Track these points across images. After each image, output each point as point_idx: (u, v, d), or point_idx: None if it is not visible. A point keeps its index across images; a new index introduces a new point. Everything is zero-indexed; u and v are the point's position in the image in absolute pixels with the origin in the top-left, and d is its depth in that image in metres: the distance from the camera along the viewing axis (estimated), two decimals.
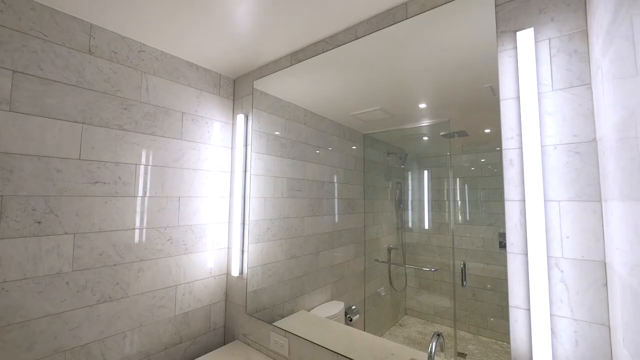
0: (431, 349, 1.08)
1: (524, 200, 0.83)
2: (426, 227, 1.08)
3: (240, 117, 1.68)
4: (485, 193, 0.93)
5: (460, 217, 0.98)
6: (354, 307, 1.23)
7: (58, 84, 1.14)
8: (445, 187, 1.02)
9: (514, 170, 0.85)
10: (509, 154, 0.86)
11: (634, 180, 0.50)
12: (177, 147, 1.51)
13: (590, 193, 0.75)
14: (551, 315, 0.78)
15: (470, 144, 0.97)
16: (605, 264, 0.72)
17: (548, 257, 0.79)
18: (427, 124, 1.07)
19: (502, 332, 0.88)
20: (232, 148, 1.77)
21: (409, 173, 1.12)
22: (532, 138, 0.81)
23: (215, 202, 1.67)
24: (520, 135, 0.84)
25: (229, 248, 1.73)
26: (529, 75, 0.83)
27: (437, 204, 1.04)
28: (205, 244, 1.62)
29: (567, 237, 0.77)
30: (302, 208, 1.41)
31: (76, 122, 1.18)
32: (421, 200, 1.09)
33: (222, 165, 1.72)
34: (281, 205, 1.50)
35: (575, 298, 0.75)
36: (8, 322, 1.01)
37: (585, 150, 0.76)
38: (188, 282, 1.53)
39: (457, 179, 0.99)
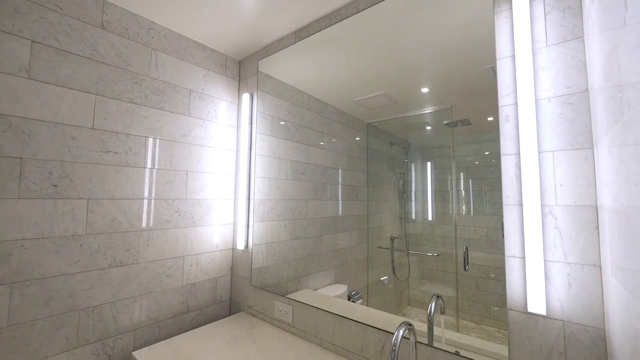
0: (430, 309, 1.11)
1: (519, 154, 0.86)
2: (429, 217, 1.07)
3: (246, 96, 1.73)
4: (489, 183, 0.93)
5: (464, 208, 0.98)
6: (356, 292, 1.25)
7: (73, 55, 1.19)
8: (449, 178, 1.02)
9: (509, 126, 0.88)
10: (505, 110, 0.89)
11: (618, 111, 0.53)
12: (185, 123, 1.56)
13: (583, 141, 0.77)
14: (545, 261, 0.81)
15: (473, 133, 0.97)
16: (596, 207, 0.75)
17: (542, 205, 0.82)
18: (430, 110, 1.08)
19: (506, 321, 0.86)
20: (238, 127, 1.82)
21: (412, 164, 1.12)
22: (526, 93, 0.84)
23: (221, 178, 1.72)
24: (516, 91, 0.87)
25: (234, 224, 1.77)
26: (524, 33, 0.86)
27: (441, 195, 1.04)
28: (212, 218, 1.66)
29: (561, 185, 0.80)
30: (306, 191, 1.44)
31: (90, 92, 1.23)
32: (424, 191, 1.09)
33: (228, 143, 1.77)
34: (285, 186, 1.53)
35: (568, 243, 0.78)
36: (27, 277, 1.07)
37: (578, 101, 0.79)
38: (195, 254, 1.58)
39: (460, 170, 0.99)
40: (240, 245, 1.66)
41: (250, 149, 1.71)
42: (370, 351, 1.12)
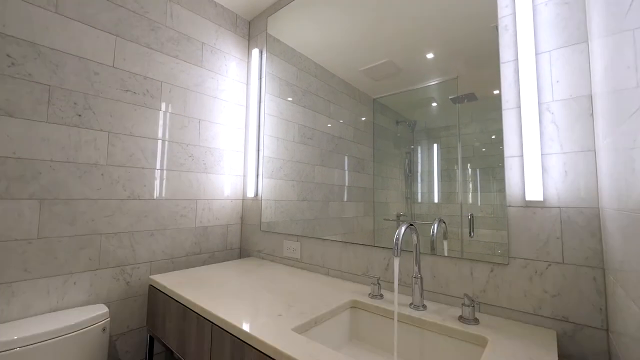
0: (433, 230, 1.15)
1: (517, 60, 0.90)
2: (435, 199, 1.06)
3: (255, 52, 1.80)
4: (495, 160, 0.93)
5: (470, 186, 0.98)
6: None
7: None
8: (455, 156, 1.01)
9: (508, 35, 0.92)
10: (504, 20, 0.93)
11: (613, 2, 0.57)
12: (198, 73, 1.63)
13: (578, 36, 0.81)
14: (542, 155, 0.84)
15: (479, 110, 0.96)
16: (591, 96, 0.79)
17: (540, 103, 0.86)
18: (435, 82, 1.07)
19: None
20: (248, 84, 1.89)
21: (419, 146, 1.11)
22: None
23: (231, 131, 1.79)
24: (514, 1, 0.91)
25: (244, 176, 1.84)
26: None
27: (447, 174, 1.03)
28: (223, 168, 1.73)
29: (557, 82, 0.83)
30: (313, 156, 1.49)
31: (111, 33, 1.31)
32: (430, 171, 1.08)
33: (238, 98, 1.84)
34: (293, 148, 1.59)
35: (564, 134, 0.82)
36: (55, 196, 1.15)
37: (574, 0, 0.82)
38: (207, 199, 1.65)
39: (467, 148, 0.99)
40: (250, 193, 1.72)
41: (260, 104, 1.77)
42: (376, 270, 1.16)
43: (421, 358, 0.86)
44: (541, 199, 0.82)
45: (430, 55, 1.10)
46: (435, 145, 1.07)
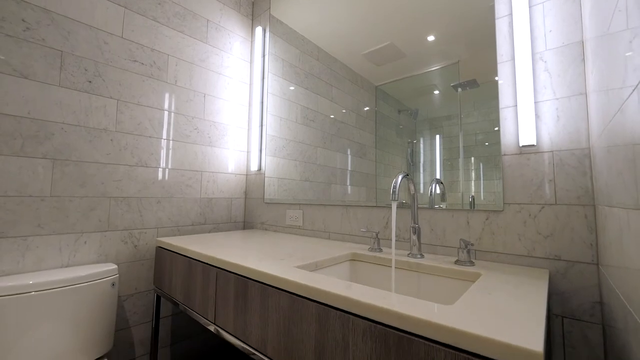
0: (431, 189, 1.18)
1: (512, 14, 0.92)
2: (437, 190, 1.07)
3: (259, 30, 1.84)
4: (497, 148, 0.94)
5: (473, 174, 0.99)
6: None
7: None
8: (457, 145, 1.03)
9: None
10: None
11: None
12: (203, 49, 1.68)
13: None
14: (535, 102, 0.87)
15: (481, 98, 0.98)
16: (583, 42, 0.81)
17: (533, 53, 0.88)
18: (437, 67, 1.09)
19: None
20: (251, 62, 1.93)
21: (421, 135, 1.12)
22: None
23: (235, 107, 1.83)
24: None
25: (248, 152, 1.88)
26: None
27: (449, 164, 1.05)
28: (227, 142, 1.78)
29: (550, 31, 0.86)
30: (315, 138, 1.52)
31: (119, 5, 1.36)
32: (433, 161, 1.09)
33: (242, 76, 1.88)
34: (296, 129, 1.62)
35: (557, 80, 0.84)
36: (67, 157, 1.19)
37: None
38: (212, 172, 1.69)
39: (469, 137, 1.00)
40: (254, 167, 1.76)
41: (263, 81, 1.81)
42: (375, 228, 1.20)
43: (418, 294, 0.89)
44: (534, 143, 0.84)
45: (431, 38, 1.12)
46: (437, 137, 1.08)
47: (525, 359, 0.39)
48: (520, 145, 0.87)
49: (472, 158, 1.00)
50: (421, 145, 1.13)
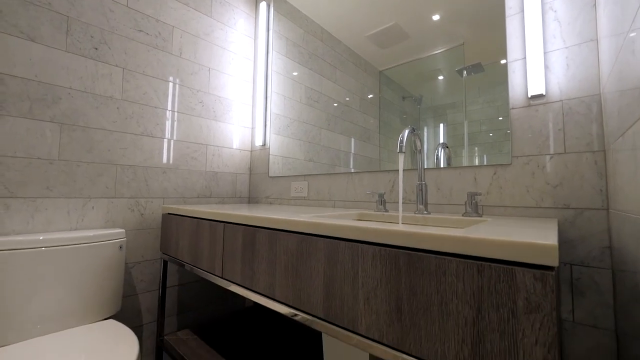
0: (438, 154, 1.18)
1: None
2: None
3: (263, 5, 1.83)
4: (501, 134, 0.93)
5: (477, 161, 0.98)
6: None
7: None
8: (461, 133, 1.02)
9: None
10: None
11: None
12: (208, 23, 1.68)
13: None
14: (545, 53, 0.86)
15: (486, 84, 0.96)
16: None
17: (543, 3, 0.87)
18: (441, 50, 1.07)
19: None
20: (255, 38, 1.92)
21: (425, 124, 1.12)
22: None
23: (240, 83, 1.83)
24: None
25: (252, 128, 1.88)
26: None
27: (454, 151, 1.04)
28: (232, 118, 1.78)
29: None
30: (319, 119, 1.51)
31: None
32: (437, 149, 1.09)
33: (246, 52, 1.88)
34: (300, 109, 1.62)
35: (567, 29, 0.83)
36: (74, 122, 1.20)
37: None
38: (217, 146, 1.69)
39: (473, 124, 1.00)
40: (259, 142, 1.76)
41: (267, 57, 1.81)
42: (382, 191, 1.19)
43: None
44: (543, 92, 0.84)
45: (436, 17, 1.10)
46: (441, 125, 1.08)
47: (540, 254, 0.39)
48: (529, 96, 0.86)
49: (478, 146, 0.98)
50: (425, 134, 1.12)
